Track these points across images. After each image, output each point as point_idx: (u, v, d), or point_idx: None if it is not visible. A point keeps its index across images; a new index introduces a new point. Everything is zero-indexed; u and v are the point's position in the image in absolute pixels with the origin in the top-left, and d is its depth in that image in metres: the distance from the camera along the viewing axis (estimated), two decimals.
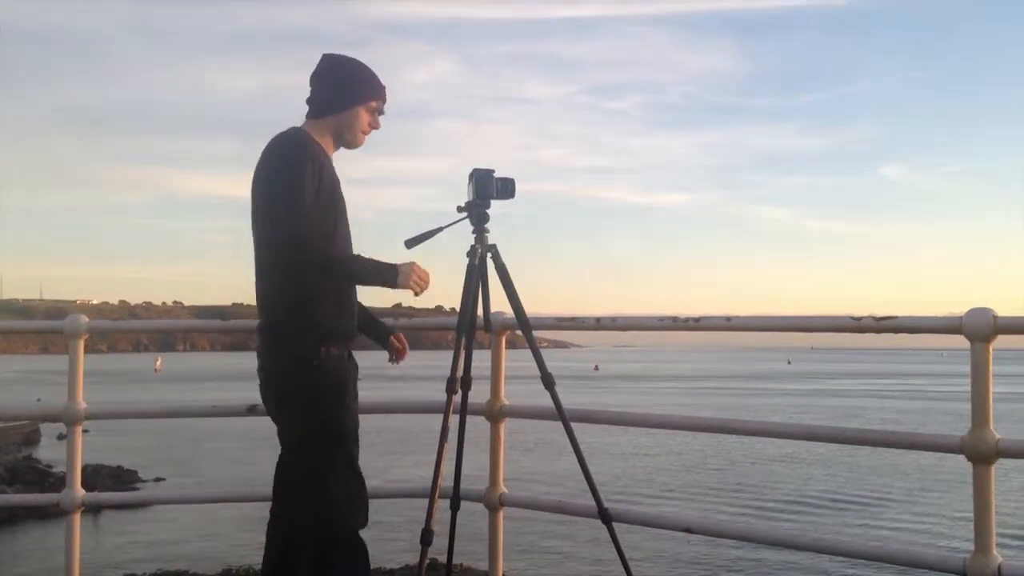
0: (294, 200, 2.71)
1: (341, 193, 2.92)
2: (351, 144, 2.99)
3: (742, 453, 30.85)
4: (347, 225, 2.94)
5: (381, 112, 3.01)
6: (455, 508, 3.47)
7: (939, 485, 24.05)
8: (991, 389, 2.72)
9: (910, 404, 54.24)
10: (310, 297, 2.80)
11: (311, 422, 2.80)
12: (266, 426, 3.05)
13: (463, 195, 3.33)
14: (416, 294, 2.84)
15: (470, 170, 3.32)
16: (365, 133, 2.99)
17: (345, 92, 2.94)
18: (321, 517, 2.80)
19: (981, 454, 2.70)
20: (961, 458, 2.77)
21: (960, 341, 2.78)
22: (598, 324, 3.53)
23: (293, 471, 2.86)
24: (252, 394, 3.19)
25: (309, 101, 2.96)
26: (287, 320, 2.80)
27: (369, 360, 3.05)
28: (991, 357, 2.71)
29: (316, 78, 2.97)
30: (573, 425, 3.32)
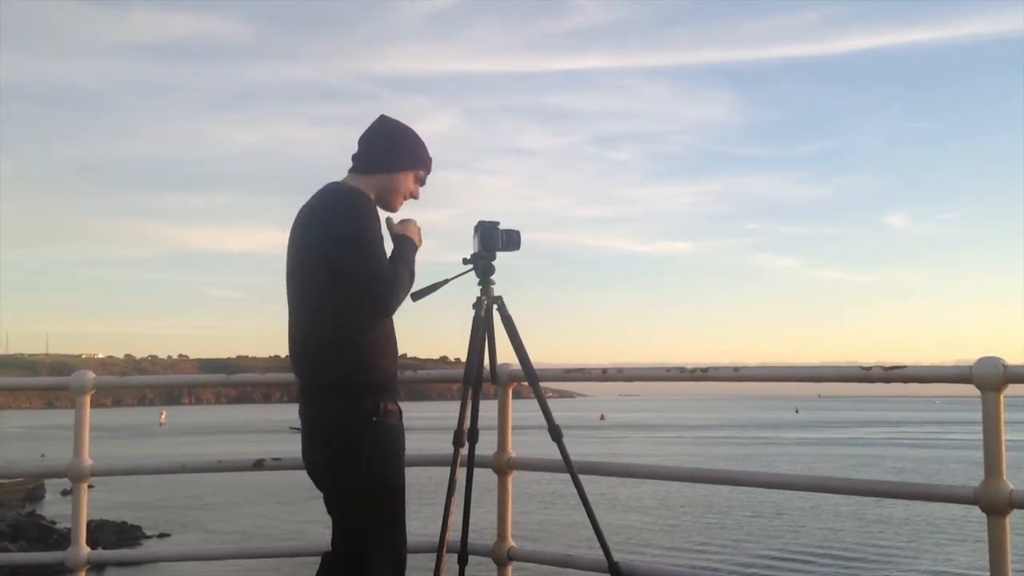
0: (381, 252, 2.79)
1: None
2: (389, 207, 3.00)
3: (769, 504, 30.49)
4: None
5: (423, 183, 3.05)
6: (463, 562, 3.43)
7: (968, 536, 23.67)
8: (1003, 439, 2.69)
9: (922, 453, 53.78)
10: (371, 353, 2.79)
11: (367, 480, 2.75)
12: (272, 481, 3.05)
13: (464, 246, 3.33)
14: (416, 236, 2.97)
15: (474, 222, 3.33)
16: (405, 199, 3.02)
17: (396, 156, 2.97)
18: (360, 571, 2.76)
19: (995, 505, 2.66)
20: (976, 509, 2.74)
21: (963, 389, 2.76)
22: (605, 375, 3.51)
23: (345, 530, 2.82)
24: (258, 447, 3.20)
25: (356, 158, 2.99)
26: (348, 376, 2.76)
27: None
28: (1003, 407, 2.68)
29: (369, 136, 3.00)
30: (581, 477, 3.29)
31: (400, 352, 2.94)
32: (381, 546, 2.78)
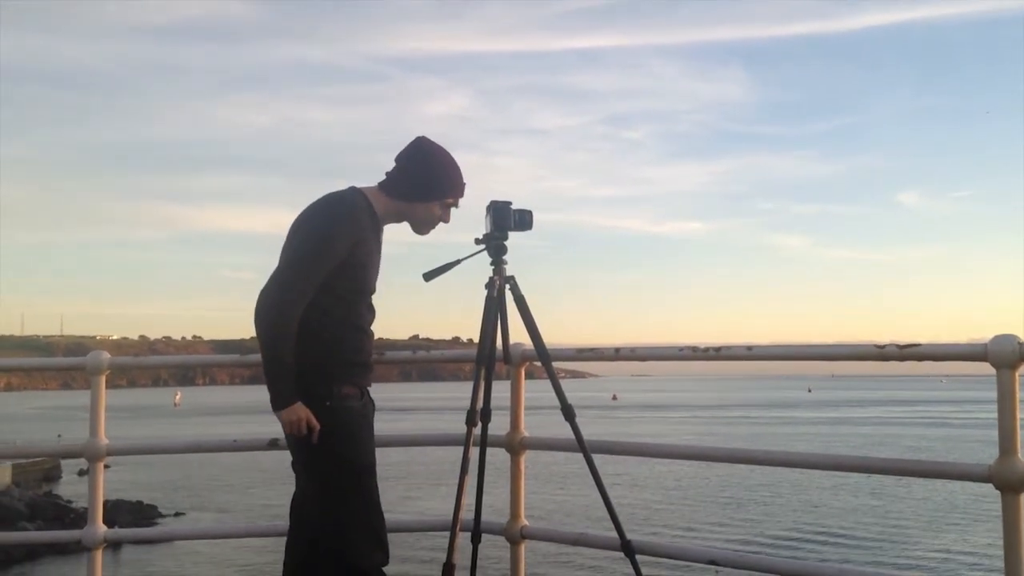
0: (307, 271, 2.75)
1: (377, 261, 2.94)
2: (417, 232, 3.04)
3: (785, 483, 30.52)
4: (370, 294, 2.95)
5: (455, 206, 3.05)
6: (476, 541, 3.44)
7: (985, 515, 23.65)
8: (1018, 416, 2.68)
9: (937, 432, 53.70)
10: (321, 338, 2.81)
11: (328, 462, 2.81)
12: (286, 461, 3.06)
13: (476, 226, 3.33)
14: (286, 433, 2.81)
15: (487, 202, 3.32)
16: (432, 226, 3.03)
17: (425, 187, 2.96)
18: (340, 556, 2.80)
19: (1009, 482, 2.65)
20: (990, 487, 2.73)
21: (971, 368, 2.75)
22: (618, 355, 3.49)
23: (311, 509, 2.87)
24: (273, 428, 3.19)
25: (388, 175, 2.97)
26: (308, 363, 2.79)
27: (390, 392, 3.04)
28: (1017, 384, 2.67)
29: (402, 160, 2.98)
30: (594, 456, 3.29)
31: (413, 333, 2.98)
32: (356, 528, 2.81)
